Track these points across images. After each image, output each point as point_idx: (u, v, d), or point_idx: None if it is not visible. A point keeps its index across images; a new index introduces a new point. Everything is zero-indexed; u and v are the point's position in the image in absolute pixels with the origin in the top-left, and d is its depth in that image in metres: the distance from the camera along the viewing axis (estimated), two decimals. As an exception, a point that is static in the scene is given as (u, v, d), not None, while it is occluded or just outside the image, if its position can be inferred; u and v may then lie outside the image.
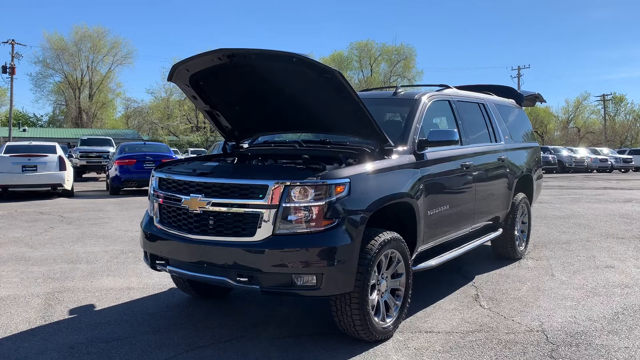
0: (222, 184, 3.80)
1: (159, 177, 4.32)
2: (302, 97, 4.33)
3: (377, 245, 3.86)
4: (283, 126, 4.94)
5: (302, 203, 3.60)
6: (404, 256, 4.21)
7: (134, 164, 15.50)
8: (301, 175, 3.68)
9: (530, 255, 7.02)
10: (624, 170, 39.15)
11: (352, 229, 3.69)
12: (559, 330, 4.28)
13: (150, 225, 4.32)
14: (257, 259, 3.62)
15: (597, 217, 10.47)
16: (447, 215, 4.95)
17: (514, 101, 7.33)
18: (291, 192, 3.60)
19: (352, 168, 3.85)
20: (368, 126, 4.14)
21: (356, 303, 3.76)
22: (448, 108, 5.44)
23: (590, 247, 7.56)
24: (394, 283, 4.21)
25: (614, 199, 14.70)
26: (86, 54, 64.46)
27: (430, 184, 4.64)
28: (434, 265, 4.75)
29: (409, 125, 4.70)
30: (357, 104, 3.96)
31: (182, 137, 54.77)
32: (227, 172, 4.15)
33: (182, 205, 3.96)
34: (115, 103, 71.43)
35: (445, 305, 4.93)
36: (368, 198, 3.86)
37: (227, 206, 3.74)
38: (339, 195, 3.66)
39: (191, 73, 4.43)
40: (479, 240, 5.69)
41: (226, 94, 4.71)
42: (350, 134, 4.58)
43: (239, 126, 5.11)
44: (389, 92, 5.38)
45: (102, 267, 6.34)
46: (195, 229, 3.89)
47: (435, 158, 4.79)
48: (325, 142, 4.70)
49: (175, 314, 4.68)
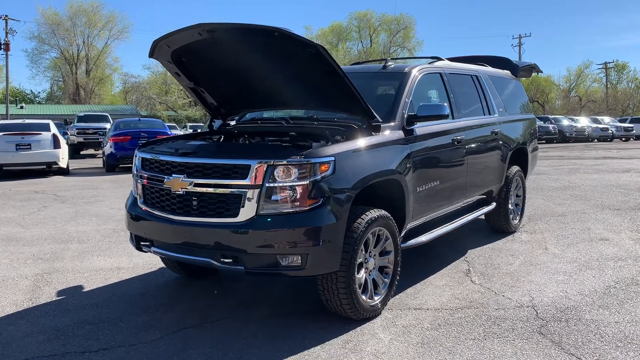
0: (205, 164, 3.72)
1: (142, 157, 4.23)
2: (287, 73, 4.22)
3: (363, 223, 3.80)
4: (269, 103, 4.84)
5: (286, 183, 3.53)
6: (392, 234, 4.15)
7: (128, 140, 15.39)
8: (284, 154, 3.59)
9: (525, 228, 6.97)
10: (625, 139, 38.93)
11: (338, 208, 3.63)
12: (549, 305, 4.25)
13: (134, 206, 4.26)
14: (241, 240, 3.56)
15: (594, 188, 10.40)
16: (437, 191, 4.88)
17: (509, 72, 7.18)
18: (274, 172, 3.53)
19: (337, 146, 3.76)
20: (354, 102, 4.04)
21: (343, 282, 3.72)
22: (439, 81, 5.32)
23: (585, 219, 7.51)
24: (382, 261, 4.16)
25: (613, 169, 14.61)
26: (81, 28, 63.73)
27: (420, 159, 4.55)
28: (424, 242, 4.70)
29: (397, 100, 4.59)
30: (342, 79, 3.85)
31: (180, 112, 54.40)
32: (210, 151, 4.07)
33: (164, 186, 3.89)
34: (112, 78, 70.98)
35: (435, 281, 4.90)
36: (354, 176, 3.78)
37: (210, 187, 3.67)
38: (323, 174, 3.58)
39: (172, 49, 4.30)
40: (471, 215, 5.64)
41: (209, 70, 4.59)
42: (338, 110, 4.48)
43: (224, 103, 5.01)
44: (378, 66, 5.25)
45: (93, 246, 6.31)
46: (178, 210, 3.82)
47: (424, 133, 4.70)
48: (313, 118, 4.60)
49: (164, 294, 4.66)
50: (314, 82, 4.15)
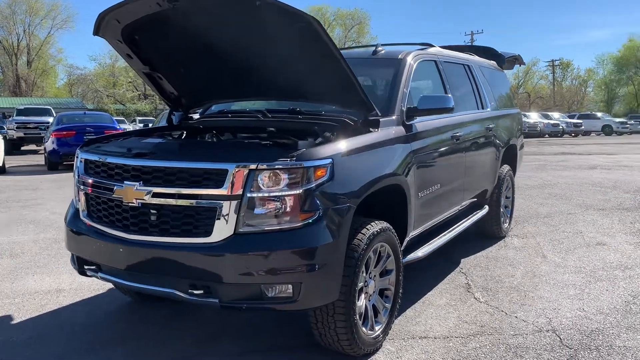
0: (166, 168, 2.93)
1: (85, 159, 3.39)
2: (267, 54, 3.44)
3: (365, 239, 3.10)
4: (243, 91, 4.03)
5: (273, 192, 2.78)
6: (394, 249, 3.48)
7: (73, 136, 14.10)
8: (270, 155, 2.84)
9: (514, 232, 6.45)
10: (574, 134, 39.79)
11: (337, 223, 2.91)
12: (571, 328, 3.67)
13: (75, 220, 3.41)
14: (215, 266, 2.79)
15: (570, 187, 10.07)
16: (438, 195, 4.24)
17: (494, 63, 6.62)
18: (258, 178, 2.77)
19: (333, 145, 3.04)
20: (351, 91, 3.32)
21: (341, 314, 3.01)
22: (435, 70, 4.67)
23: (573, 220, 7.06)
24: (382, 282, 3.48)
25: (579, 165, 14.47)
26: (22, 17, 60.23)
27: (421, 160, 3.89)
28: (423, 256, 4.04)
29: (395, 91, 3.91)
30: (338, 62, 3.12)
31: (129, 105, 52.30)
32: (172, 151, 3.26)
33: (114, 196, 3.07)
34: (56, 70, 67.65)
35: (435, 299, 4.25)
36: (355, 182, 3.07)
37: (173, 197, 2.88)
38: (319, 180, 2.85)
39: (123, 24, 3.46)
40: (467, 221, 5.02)
41: (170, 51, 3.77)
42: (327, 102, 3.75)
43: (187, 92, 4.19)
44: (367, 51, 4.54)
45: (28, 262, 5.35)
46: (132, 226, 3.01)
47: (425, 129, 4.04)
48: (295, 111, 3.85)
49: (115, 325, 3.82)
50: (301, 66, 3.41)
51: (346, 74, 3.19)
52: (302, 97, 3.82)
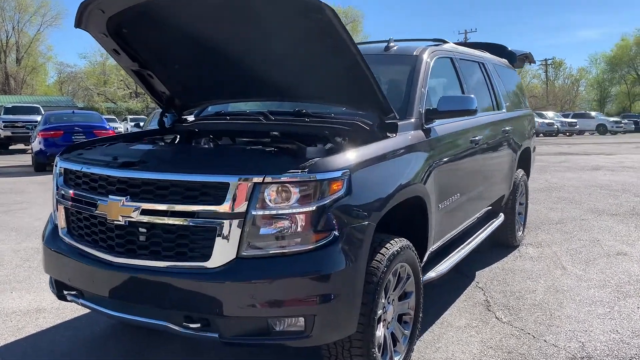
0: (157, 181, 2.53)
1: (65, 169, 2.98)
2: (270, 49, 3.05)
3: (384, 261, 2.72)
4: (243, 91, 3.62)
5: (281, 209, 2.39)
6: (415, 269, 3.10)
7: (61, 136, 13.62)
8: (278, 165, 2.45)
9: (528, 240, 6.09)
10: (569, 134, 39.60)
11: (355, 245, 2.52)
12: (607, 355, 3.31)
13: (54, 238, 3.00)
14: (215, 296, 2.40)
15: (578, 190, 9.73)
16: (458, 205, 3.87)
17: (506, 61, 6.26)
18: (264, 193, 2.38)
19: (349, 153, 2.65)
20: (367, 91, 2.93)
21: (359, 347, 2.63)
22: (451, 68, 4.29)
23: (587, 227, 6.72)
24: (401, 306, 3.09)
25: (581, 166, 14.17)
26: (10, 13, 59.18)
27: (441, 168, 3.51)
28: (443, 273, 3.66)
29: (412, 91, 3.53)
30: (353, 58, 2.74)
31: (120, 103, 51.64)
32: (164, 161, 2.86)
33: (97, 212, 2.66)
34: (46, 68, 66.63)
35: (454, 320, 3.88)
36: (375, 196, 2.69)
37: (166, 215, 2.48)
38: (334, 195, 2.46)
39: (109, 15, 3.06)
40: (484, 231, 4.66)
41: (161, 45, 3.37)
42: (337, 102, 3.37)
43: (180, 91, 3.78)
44: (379, 47, 4.15)
45: (7, 275, 4.92)
46: (118, 248, 2.61)
47: (444, 134, 3.66)
48: (301, 113, 3.45)
49: (99, 349, 3.42)
50: (310, 62, 3.02)
51: (362, 71, 2.80)
52: (309, 97, 3.43)
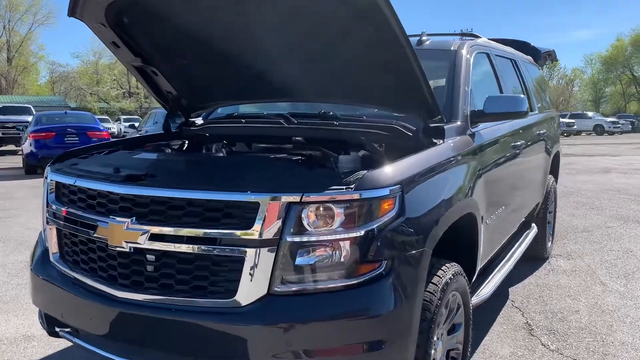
0: (170, 199, 2.08)
1: (57, 182, 2.53)
2: (301, 42, 2.61)
3: (438, 292, 2.29)
4: (259, 91, 3.15)
5: (323, 234, 1.95)
6: (465, 298, 2.67)
7: (52, 137, 13.09)
8: (317, 180, 2.01)
9: (556, 251, 5.67)
10: (567, 134, 39.33)
11: (410, 277, 2.09)
12: (679, 391, 2.89)
13: (44, 264, 2.54)
14: (240, 341, 1.96)
15: (596, 194, 9.34)
16: (502, 219, 3.44)
17: (531, 58, 5.84)
18: (302, 215, 1.94)
19: (399, 165, 2.21)
20: (414, 90, 2.50)
21: (410, 397, 2.19)
22: (488, 65, 3.86)
23: (616, 236, 6.31)
24: (450, 341, 2.66)
25: (590, 168, 13.80)
26: (1, 12, 58.27)
27: (487, 178, 3.08)
28: (486, 298, 3.23)
29: (455, 90, 3.10)
30: (404, 53, 2.30)
31: (113, 103, 51.04)
32: (177, 173, 2.40)
33: (96, 236, 2.21)
34: (38, 67, 65.80)
35: (497, 348, 3.45)
36: (431, 216, 2.25)
37: (180, 241, 2.04)
38: (385, 216, 2.02)
39: (107, 2, 2.61)
40: (520, 245, 4.22)
41: (168, 38, 2.92)
42: (372, 103, 2.94)
43: (189, 91, 3.34)
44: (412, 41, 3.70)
45: (-7, 295, 4.46)
46: (122, 279, 2.16)
47: (490, 139, 3.24)
48: (328, 115, 3.01)
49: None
50: (344, 54, 2.57)
51: (410, 65, 2.36)
52: (337, 97, 2.99)
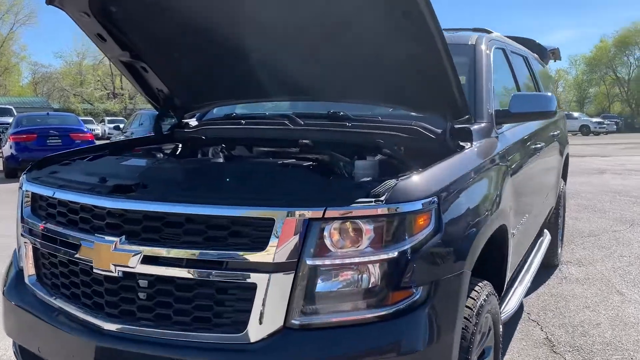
0: (166, 215, 1.76)
1: (33, 193, 2.20)
2: (312, 32, 2.30)
3: (474, 317, 2.00)
4: (267, 88, 2.83)
5: (349, 256, 1.65)
6: (496, 320, 2.39)
7: (34, 139, 12.61)
8: (341, 192, 1.71)
9: (565, 257, 5.42)
10: (554, 134, 39.51)
11: (449, 304, 1.80)
12: None
13: (18, 287, 2.21)
14: (253, 384, 1.65)
15: (596, 196, 9.13)
16: (526, 228, 3.18)
17: (537, 56, 5.59)
18: (325, 232, 1.64)
19: (431, 172, 1.91)
20: (442, 88, 2.21)
21: None
22: (504, 61, 3.58)
23: (624, 240, 6.09)
24: (480, 369, 2.37)
25: (583, 169, 13.64)
26: (-19, 12, 57.33)
27: (513, 185, 2.80)
28: (511, 315, 2.95)
29: (478, 88, 2.81)
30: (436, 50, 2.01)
31: (97, 104, 50.29)
32: (173, 183, 2.06)
33: (79, 257, 1.89)
34: (20, 68, 64.67)
35: (520, 368, 3.18)
36: (468, 232, 1.96)
37: (179, 264, 1.72)
38: (421, 233, 1.73)
39: (92, -13, 2.29)
40: (537, 254, 3.95)
41: (161, 28, 2.60)
42: (389, 101, 2.64)
43: (182, 89, 3.02)
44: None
45: (-34, 312, 4.08)
46: (109, 307, 1.83)
47: (514, 142, 2.96)
48: (338, 116, 2.71)
49: None
50: (364, 48, 2.27)
51: (440, 57, 2.07)
52: (351, 95, 2.69)
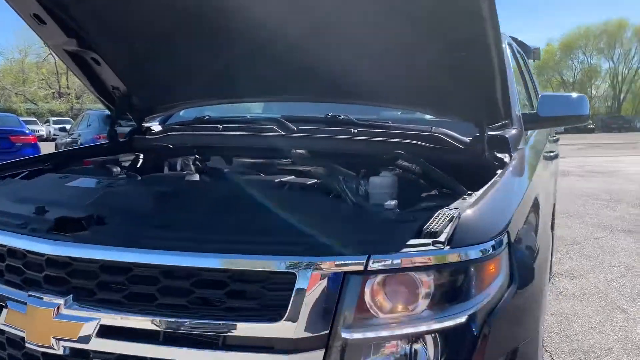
0: (132, 266, 1.23)
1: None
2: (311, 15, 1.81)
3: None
4: (250, 86, 2.30)
5: (402, 326, 1.16)
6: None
7: (-31, 143, 11.61)
8: (384, 232, 1.22)
9: (554, 267, 5.12)
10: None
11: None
12: None
13: None
14: None
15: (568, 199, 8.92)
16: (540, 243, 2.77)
17: (523, 56, 5.29)
18: (366, 292, 1.15)
19: (492, 198, 1.45)
20: (485, 89, 1.76)
21: None
22: (512, 59, 3.20)
23: (609, 249, 5.86)
24: None
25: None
26: None
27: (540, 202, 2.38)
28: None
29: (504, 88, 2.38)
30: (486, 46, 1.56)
31: (41, 104, 48.07)
32: (141, 216, 1.51)
33: (4, 325, 1.33)
34: (-43, 66, 61.33)
35: (540, 409, 2.77)
36: (538, 277, 1.52)
37: (154, 340, 1.19)
38: (493, 286, 1.26)
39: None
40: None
41: (116, 12, 2.04)
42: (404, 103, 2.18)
43: (143, 86, 2.46)
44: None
45: None
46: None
47: (539, 150, 2.57)
48: (339, 120, 2.22)
49: None
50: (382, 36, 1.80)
51: (488, 49, 1.62)
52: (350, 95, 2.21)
